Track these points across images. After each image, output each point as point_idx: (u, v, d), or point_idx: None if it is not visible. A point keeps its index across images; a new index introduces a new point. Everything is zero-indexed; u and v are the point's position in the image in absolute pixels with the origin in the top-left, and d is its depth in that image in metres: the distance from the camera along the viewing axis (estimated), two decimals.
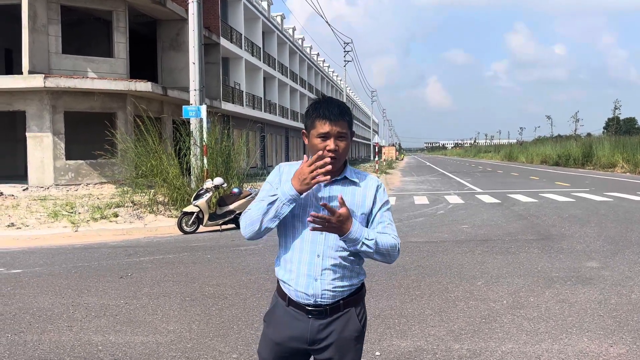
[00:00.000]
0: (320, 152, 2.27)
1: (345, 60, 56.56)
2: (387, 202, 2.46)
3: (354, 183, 2.40)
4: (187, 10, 23.87)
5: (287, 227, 2.39)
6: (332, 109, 2.33)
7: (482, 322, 5.31)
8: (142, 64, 27.01)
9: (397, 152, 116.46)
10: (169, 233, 12.28)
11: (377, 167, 45.46)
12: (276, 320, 2.44)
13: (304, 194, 2.27)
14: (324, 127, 2.30)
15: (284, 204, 2.25)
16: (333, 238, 2.32)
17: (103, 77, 21.37)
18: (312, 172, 2.20)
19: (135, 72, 24.09)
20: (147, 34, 27.43)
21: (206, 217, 12.22)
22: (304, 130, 2.45)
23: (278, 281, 2.49)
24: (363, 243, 2.27)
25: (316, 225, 2.21)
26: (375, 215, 2.40)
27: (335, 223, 2.20)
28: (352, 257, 2.37)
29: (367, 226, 2.39)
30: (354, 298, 2.42)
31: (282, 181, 2.38)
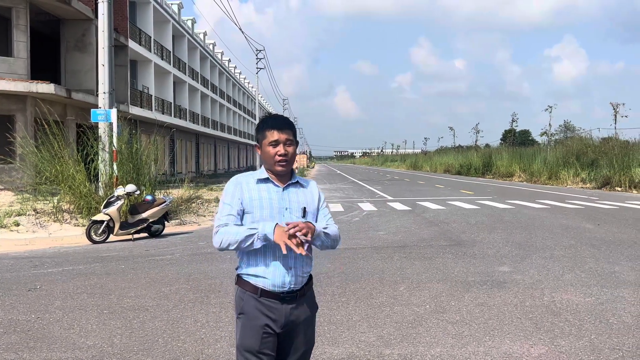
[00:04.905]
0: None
1: (257, 68, 56.38)
2: (325, 199, 2.98)
3: (302, 186, 2.87)
4: (93, 10, 22.94)
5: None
6: (279, 121, 2.81)
7: (409, 327, 5.41)
8: (45, 64, 25.59)
9: (308, 160, 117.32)
10: (77, 243, 11.68)
11: None
12: (252, 311, 2.72)
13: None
14: (273, 135, 2.75)
15: (259, 239, 2.62)
16: (298, 232, 2.63)
17: (1, 77, 20.02)
18: (290, 238, 2.56)
19: (37, 73, 22.76)
20: (50, 34, 26.03)
21: (117, 225, 11.72)
22: (257, 144, 2.86)
23: (241, 280, 2.79)
24: (323, 233, 2.72)
25: (303, 239, 2.59)
26: (320, 211, 2.90)
27: (307, 227, 2.61)
28: (311, 248, 2.75)
29: (315, 220, 2.86)
30: (311, 282, 2.90)
31: (246, 198, 2.75)
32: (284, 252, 2.55)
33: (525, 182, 38.36)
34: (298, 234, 2.56)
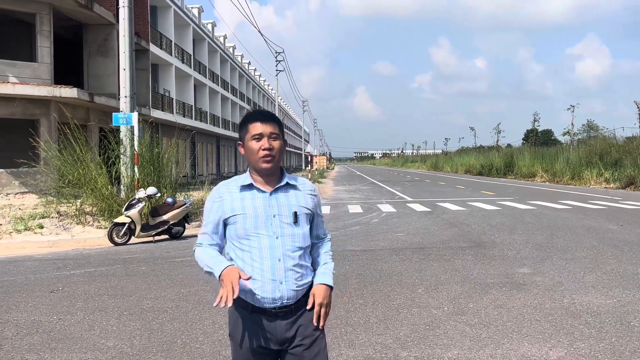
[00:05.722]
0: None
1: (277, 70, 56.55)
2: (319, 201, 2.75)
3: (294, 187, 2.60)
4: (115, 15, 23.21)
5: (242, 242, 2.51)
6: (262, 114, 2.57)
7: (426, 329, 5.40)
8: (68, 69, 25.99)
9: (328, 162, 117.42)
10: (99, 245, 11.84)
11: (309, 176, 45.64)
12: (245, 331, 2.51)
13: None
14: (256, 128, 2.50)
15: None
16: (289, 241, 2.50)
17: (25, 82, 20.38)
18: (227, 287, 2.33)
19: (60, 78, 23.12)
20: (73, 39, 26.42)
21: (138, 227, 11.86)
22: (239, 142, 2.61)
23: None
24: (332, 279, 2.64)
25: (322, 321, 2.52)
26: (315, 218, 2.67)
27: (324, 305, 2.53)
28: (306, 256, 2.58)
29: (311, 221, 2.63)
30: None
31: (227, 210, 2.53)
32: (222, 304, 2.31)
33: (547, 182, 37.91)
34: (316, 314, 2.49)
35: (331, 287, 2.57)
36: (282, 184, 2.55)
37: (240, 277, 2.35)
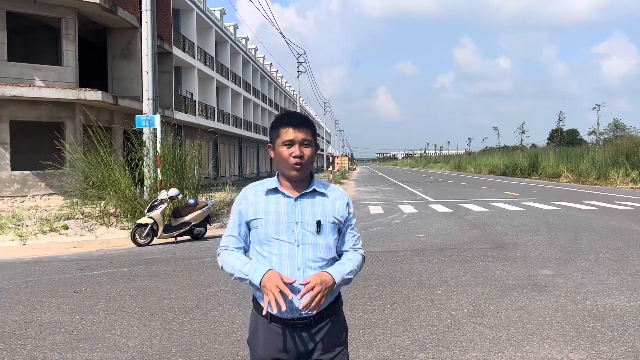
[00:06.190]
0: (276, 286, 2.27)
1: (298, 71, 56.71)
2: (354, 214, 2.61)
3: (322, 194, 2.48)
4: (138, 19, 23.48)
5: (263, 247, 2.43)
6: (295, 118, 2.44)
7: (445, 331, 5.36)
8: (92, 72, 26.36)
9: (350, 162, 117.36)
10: (122, 245, 11.98)
11: (331, 177, 45.64)
12: (262, 340, 2.45)
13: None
14: (288, 134, 2.39)
15: (251, 285, 2.38)
16: (310, 250, 2.39)
17: (51, 85, 20.72)
18: (273, 291, 2.24)
19: (85, 81, 23.47)
20: (97, 42, 26.80)
21: (161, 228, 11.97)
22: (269, 144, 2.51)
23: (254, 300, 2.52)
24: (345, 279, 2.42)
25: (312, 305, 2.27)
26: (346, 229, 2.54)
27: (322, 292, 2.29)
28: (329, 267, 2.43)
29: (339, 233, 2.50)
30: (335, 306, 2.50)
31: (251, 213, 2.46)
32: (274, 310, 2.22)
33: (572, 182, 37.38)
34: (308, 294, 2.26)
35: (334, 280, 2.34)
36: (309, 190, 2.45)
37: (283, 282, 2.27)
